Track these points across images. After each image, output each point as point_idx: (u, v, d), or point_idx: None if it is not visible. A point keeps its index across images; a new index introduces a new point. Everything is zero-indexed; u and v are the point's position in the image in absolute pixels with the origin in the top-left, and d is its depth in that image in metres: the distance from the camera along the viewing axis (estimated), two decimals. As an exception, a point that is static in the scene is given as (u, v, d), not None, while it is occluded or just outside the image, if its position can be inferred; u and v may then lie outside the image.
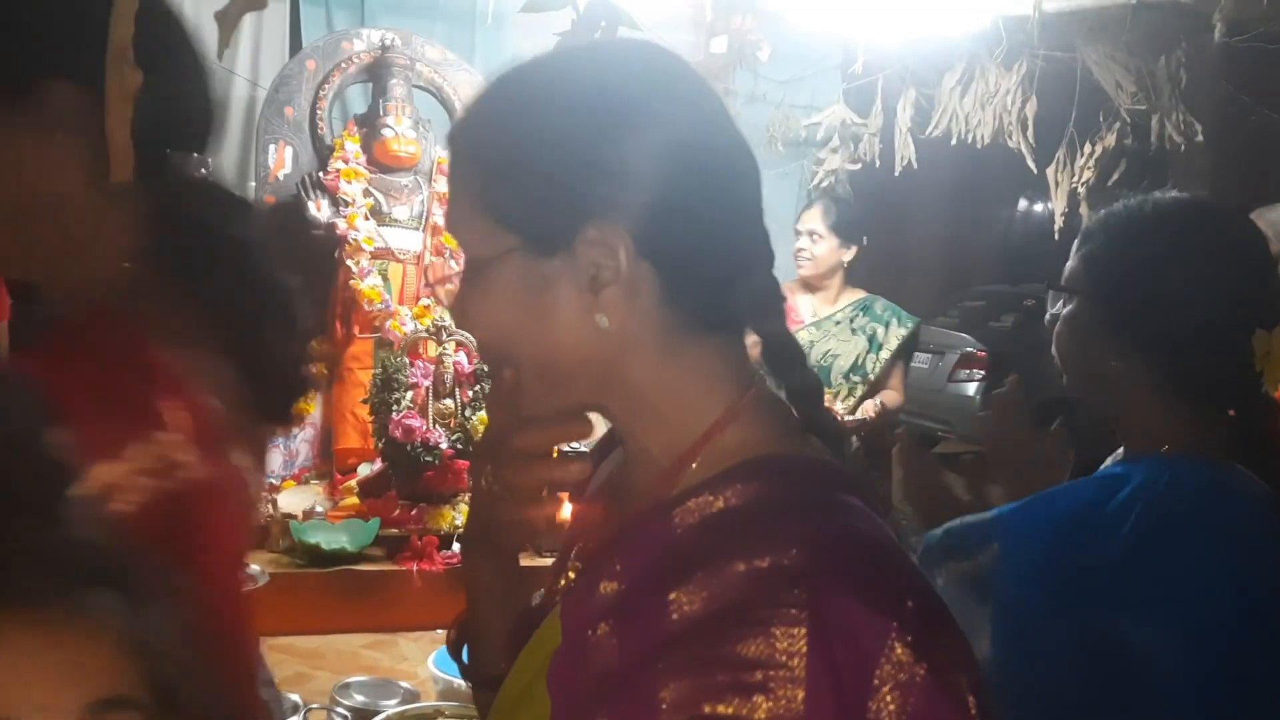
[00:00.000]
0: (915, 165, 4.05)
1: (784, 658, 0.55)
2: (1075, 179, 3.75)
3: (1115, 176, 3.65)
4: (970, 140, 3.87)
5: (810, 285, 3.33)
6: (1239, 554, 1.02)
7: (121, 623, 0.61)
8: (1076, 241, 1.20)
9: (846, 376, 3.08)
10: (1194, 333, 1.08)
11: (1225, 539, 1.02)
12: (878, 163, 4.35)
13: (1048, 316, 1.25)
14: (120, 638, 0.61)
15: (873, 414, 2.85)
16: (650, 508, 0.66)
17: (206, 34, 0.99)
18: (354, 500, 2.49)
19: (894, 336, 3.18)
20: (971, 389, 5.90)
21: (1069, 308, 1.16)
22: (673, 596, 0.59)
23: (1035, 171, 3.81)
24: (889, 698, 0.56)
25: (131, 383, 0.81)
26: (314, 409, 2.80)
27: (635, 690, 0.58)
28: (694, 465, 0.66)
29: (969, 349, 5.97)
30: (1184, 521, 1.02)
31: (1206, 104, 3.57)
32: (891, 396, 2.90)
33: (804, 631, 0.55)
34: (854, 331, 3.12)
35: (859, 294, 3.39)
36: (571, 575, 0.73)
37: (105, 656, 0.60)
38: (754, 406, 0.69)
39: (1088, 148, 3.70)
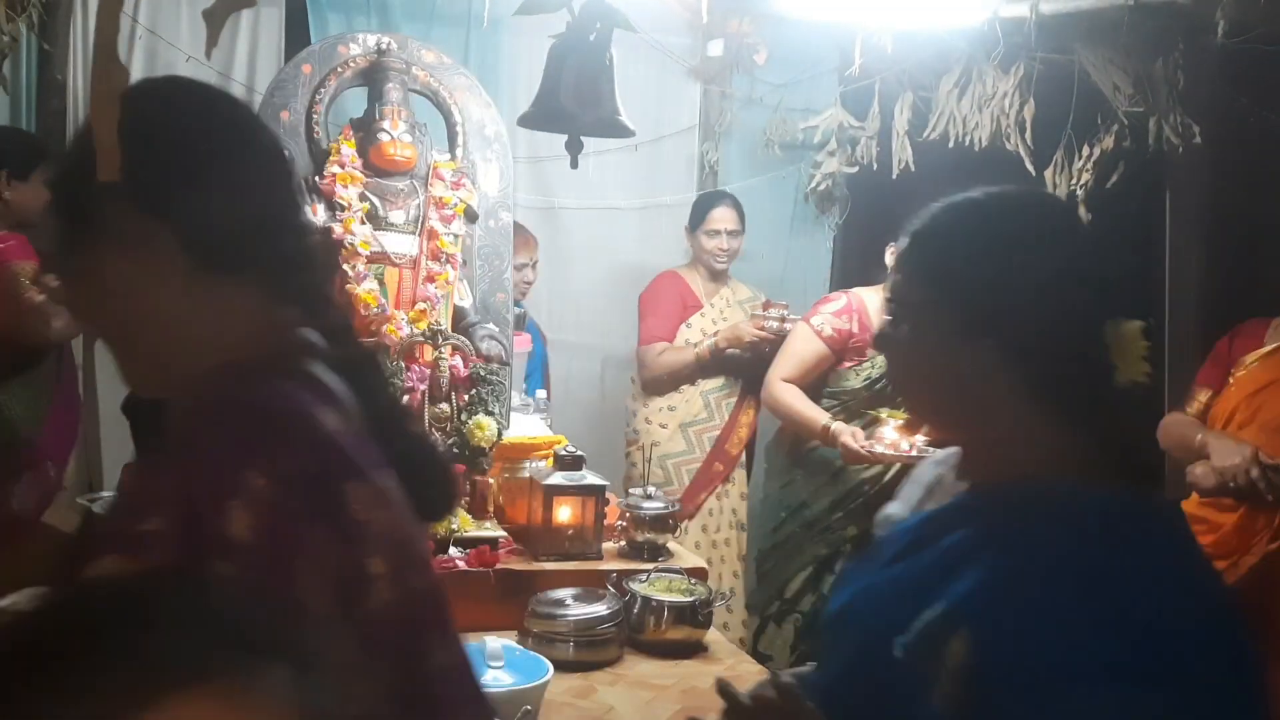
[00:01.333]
0: (913, 168, 4.05)
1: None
2: (1073, 181, 3.74)
3: (1113, 179, 3.65)
4: (968, 143, 3.86)
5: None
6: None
7: (302, 695, 0.61)
8: (901, 254, 1.15)
9: None
10: (1047, 328, 1.03)
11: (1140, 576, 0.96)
12: (875, 166, 4.34)
13: (876, 338, 1.22)
14: (302, 712, 0.61)
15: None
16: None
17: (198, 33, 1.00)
18: (350, 505, 2.48)
19: None
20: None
21: (903, 325, 1.11)
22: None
23: (1034, 174, 3.80)
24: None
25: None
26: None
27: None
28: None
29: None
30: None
31: (1204, 106, 3.57)
32: None
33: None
34: None
35: None
36: None
37: None
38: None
39: (1085, 150, 3.70)
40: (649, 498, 2.62)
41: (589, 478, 2.51)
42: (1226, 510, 2.57)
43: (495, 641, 1.80)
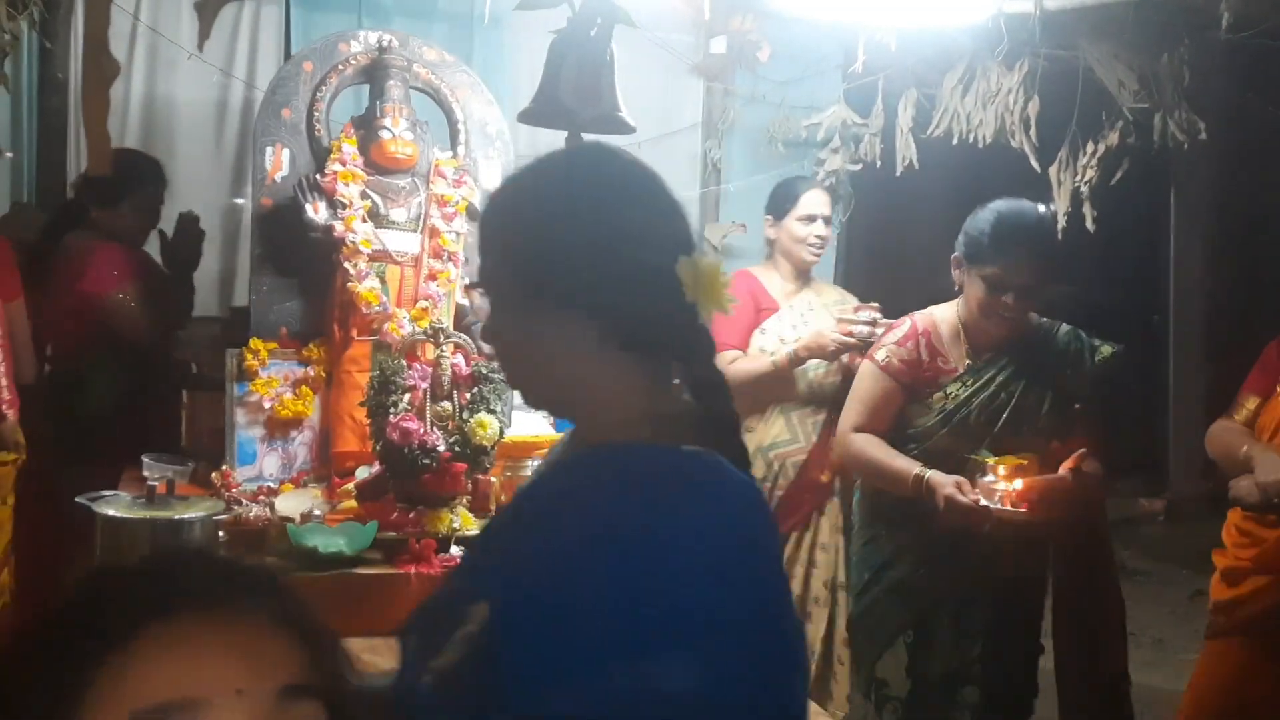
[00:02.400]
0: (917, 165, 4.03)
1: None
2: (1078, 178, 3.72)
3: (1118, 175, 3.63)
4: (972, 140, 3.85)
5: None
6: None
7: (293, 618, 0.73)
8: (478, 237, 1.13)
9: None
10: (616, 284, 1.02)
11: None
12: (879, 163, 4.33)
13: (478, 327, 1.24)
14: (296, 632, 0.73)
15: None
16: None
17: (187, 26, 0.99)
18: (352, 503, 2.48)
19: None
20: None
21: (495, 309, 1.11)
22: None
23: (1039, 171, 3.79)
24: None
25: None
26: (312, 412, 2.79)
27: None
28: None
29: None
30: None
31: (1210, 102, 3.55)
32: None
33: None
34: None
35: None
36: None
37: (285, 648, 0.71)
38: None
39: (1090, 147, 3.68)
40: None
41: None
42: (1271, 525, 2.51)
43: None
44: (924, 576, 2.58)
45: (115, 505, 2.16)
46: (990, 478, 2.38)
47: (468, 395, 2.46)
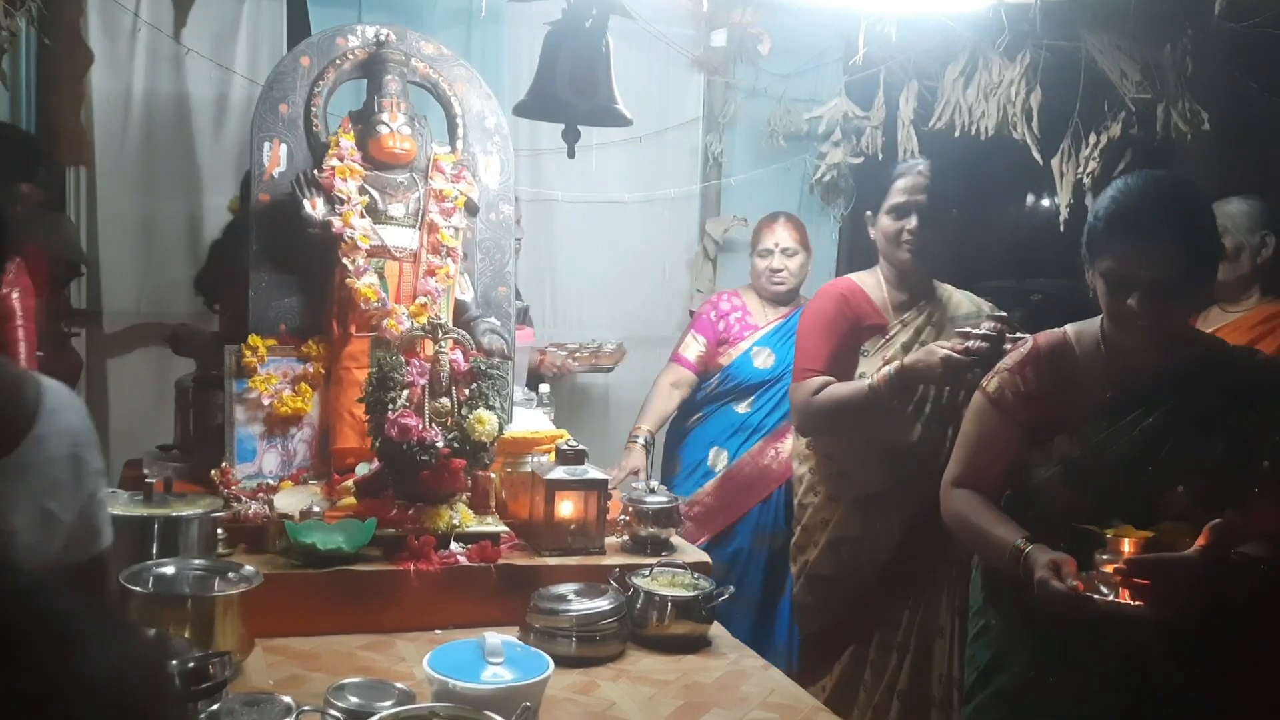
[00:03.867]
0: (918, 158, 4.01)
1: None
2: (1081, 170, 3.70)
3: (1121, 166, 3.61)
4: (974, 132, 3.83)
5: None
6: None
7: None
8: None
9: None
10: None
11: None
12: (880, 156, 4.31)
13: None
14: None
15: None
16: None
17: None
18: (352, 500, 2.47)
19: None
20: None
21: None
22: None
23: (1041, 163, 3.77)
24: None
25: None
26: (312, 408, 2.78)
27: None
28: None
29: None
30: None
31: (1213, 92, 3.53)
32: None
33: None
34: None
35: None
36: None
37: None
38: None
39: (1093, 138, 3.66)
40: (652, 492, 2.60)
41: (591, 472, 2.49)
42: None
43: (495, 637, 1.78)
44: (1034, 686, 1.98)
45: (113, 503, 2.15)
46: (1107, 556, 1.78)
47: (466, 391, 2.45)
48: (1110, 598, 1.73)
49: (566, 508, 2.45)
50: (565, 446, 2.52)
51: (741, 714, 1.91)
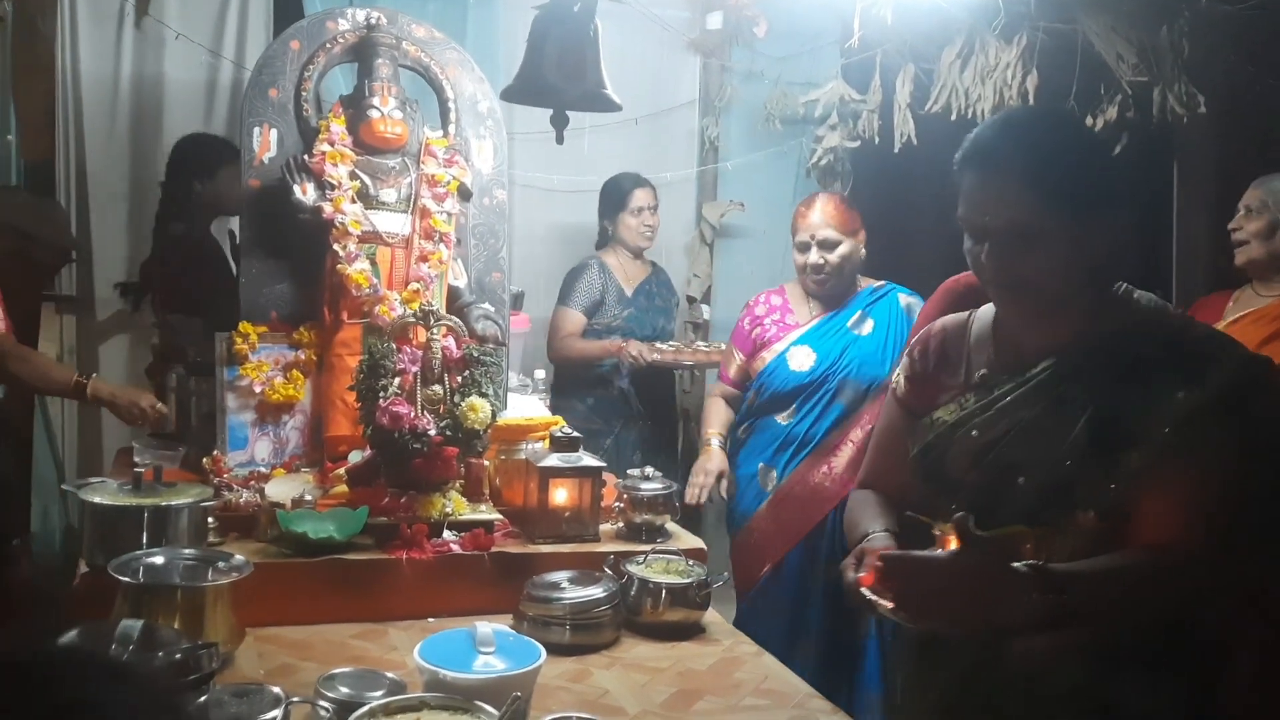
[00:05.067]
0: (915, 141, 4.00)
1: None
2: (1077, 153, 3.68)
3: (1117, 149, 3.59)
4: (971, 115, 3.81)
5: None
6: None
7: None
8: None
9: None
10: None
11: None
12: (877, 139, 4.29)
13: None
14: None
15: None
16: None
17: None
18: (344, 488, 2.45)
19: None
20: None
21: None
22: None
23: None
24: None
25: None
26: (304, 396, 2.76)
27: None
28: None
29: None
30: None
31: (1210, 75, 3.50)
32: None
33: None
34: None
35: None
36: None
37: None
38: None
39: (1089, 121, 3.64)
40: (646, 478, 2.59)
41: (585, 459, 2.48)
42: None
43: (486, 626, 1.77)
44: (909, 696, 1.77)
45: (102, 492, 2.14)
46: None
47: (459, 378, 2.43)
48: (874, 598, 1.48)
49: (560, 495, 2.44)
50: (559, 434, 2.51)
51: (735, 701, 1.91)
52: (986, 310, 1.72)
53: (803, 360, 3.24)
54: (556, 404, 3.79)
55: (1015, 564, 1.40)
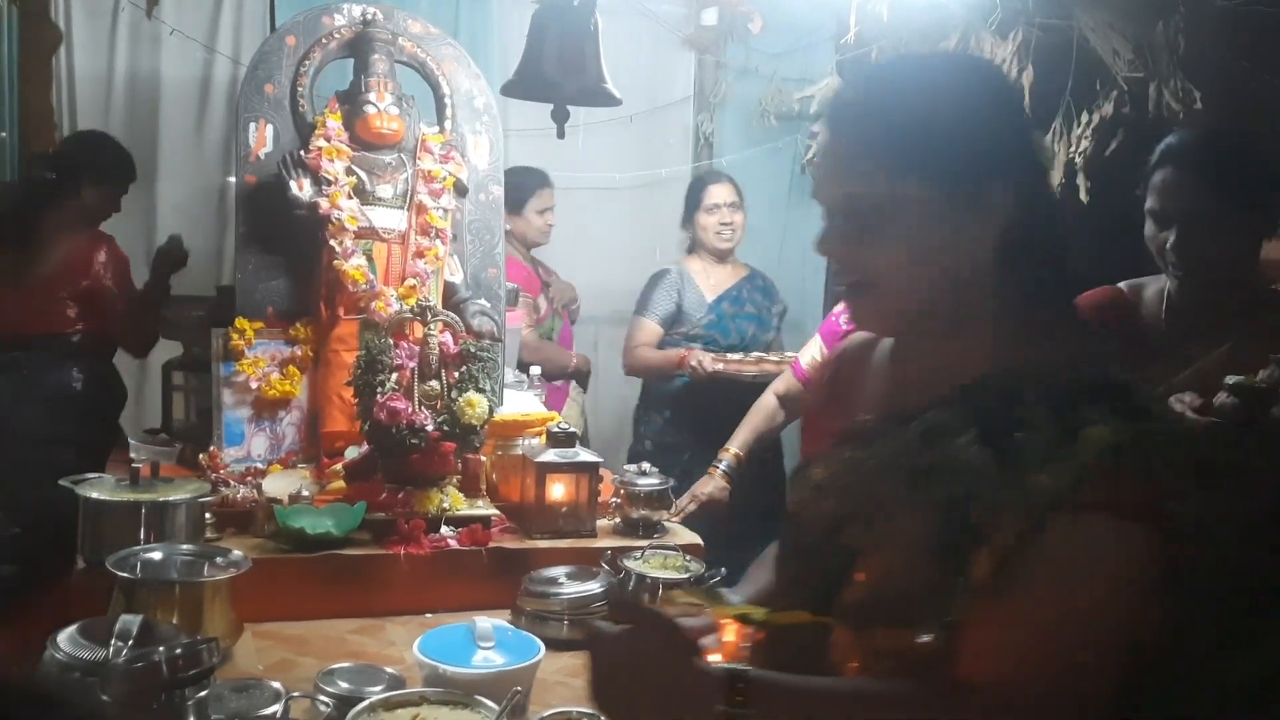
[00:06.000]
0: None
1: None
2: (1072, 149, 3.69)
3: (1113, 146, 3.60)
4: (965, 110, 3.80)
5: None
6: None
7: None
8: None
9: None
10: None
11: None
12: (872, 135, 4.28)
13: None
14: None
15: None
16: None
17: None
18: (341, 484, 2.45)
19: None
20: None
21: None
22: None
23: (1032, 142, 3.75)
24: None
25: None
26: (300, 392, 2.76)
27: None
28: None
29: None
30: None
31: (1205, 71, 3.51)
32: None
33: None
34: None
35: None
36: None
37: None
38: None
39: (1085, 117, 3.64)
40: (643, 474, 2.59)
41: (582, 455, 2.48)
42: None
43: (485, 621, 1.77)
44: None
45: (99, 488, 2.14)
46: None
47: (456, 374, 2.43)
48: None
49: (558, 490, 2.44)
50: (556, 429, 2.51)
51: (733, 696, 1.91)
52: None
53: None
54: (640, 416, 3.77)
55: (712, 661, 1.07)
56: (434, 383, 2.42)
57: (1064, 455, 0.98)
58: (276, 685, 1.59)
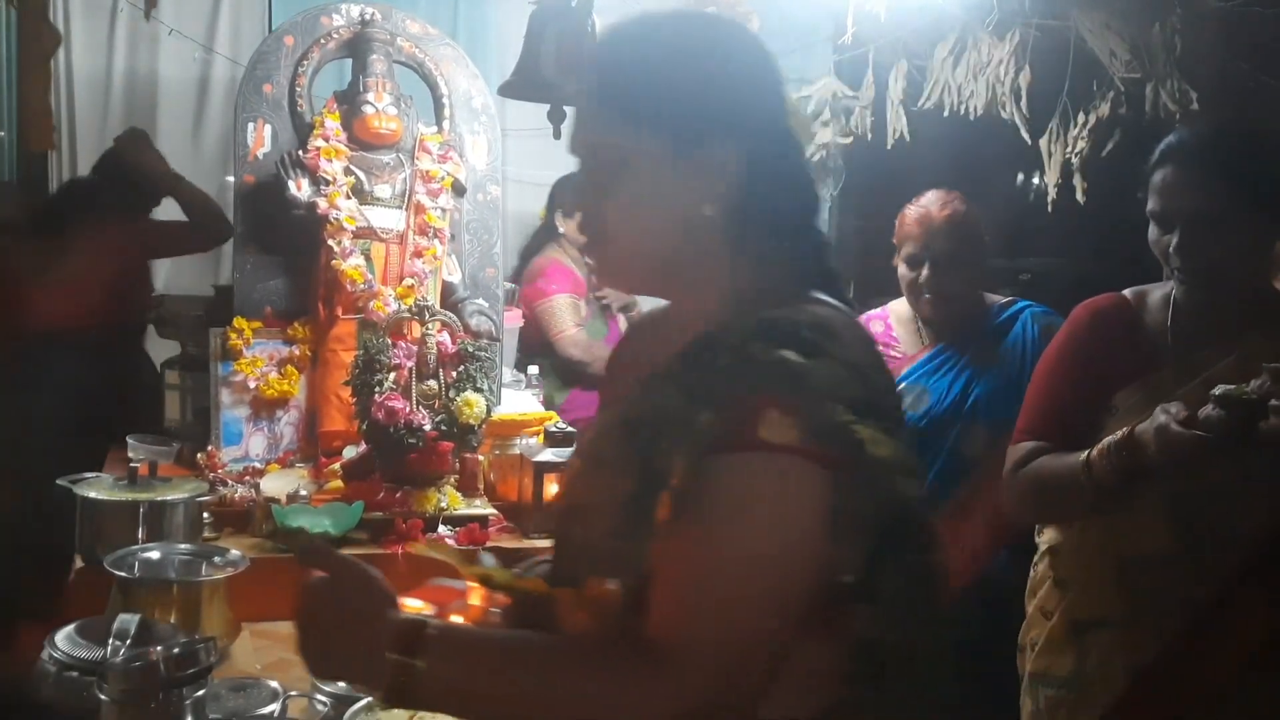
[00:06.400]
0: (908, 138, 4.00)
1: None
2: (1069, 150, 3.70)
3: (1109, 146, 3.61)
4: (963, 112, 3.81)
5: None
6: None
7: None
8: None
9: None
10: None
11: None
12: (869, 136, 4.29)
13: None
14: None
15: None
16: None
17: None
18: (339, 484, 2.46)
19: None
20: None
21: None
22: None
23: (1029, 142, 3.76)
24: None
25: None
26: (298, 391, 2.76)
27: None
28: None
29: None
30: None
31: (1201, 71, 3.52)
32: None
33: None
34: None
35: None
36: None
37: None
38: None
39: (1082, 117, 3.65)
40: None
41: (580, 454, 2.48)
42: None
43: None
44: None
45: (96, 487, 2.14)
46: None
47: (454, 373, 2.44)
48: None
49: (555, 490, 2.44)
50: (554, 428, 2.51)
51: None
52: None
53: (913, 403, 2.48)
54: None
55: (400, 611, 1.05)
56: (432, 382, 2.43)
57: (723, 397, 0.98)
58: (274, 684, 1.60)
